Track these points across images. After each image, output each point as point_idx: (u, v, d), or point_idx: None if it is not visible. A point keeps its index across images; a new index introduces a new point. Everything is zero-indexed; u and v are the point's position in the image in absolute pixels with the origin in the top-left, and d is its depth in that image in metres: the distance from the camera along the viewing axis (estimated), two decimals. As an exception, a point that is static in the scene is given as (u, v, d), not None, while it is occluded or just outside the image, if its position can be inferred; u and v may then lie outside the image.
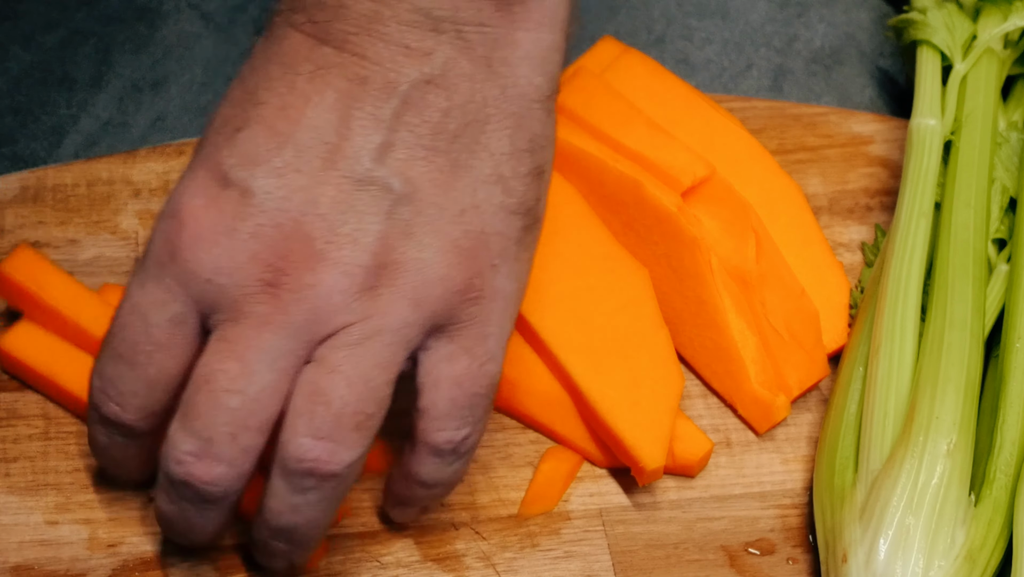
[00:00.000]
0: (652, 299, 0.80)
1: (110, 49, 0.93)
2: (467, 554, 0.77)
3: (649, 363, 0.79)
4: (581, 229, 0.81)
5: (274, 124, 0.66)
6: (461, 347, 0.68)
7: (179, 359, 0.67)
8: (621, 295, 0.80)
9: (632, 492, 0.79)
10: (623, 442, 0.76)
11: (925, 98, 0.86)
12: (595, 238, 0.81)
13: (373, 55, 0.66)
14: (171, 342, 0.66)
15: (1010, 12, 0.88)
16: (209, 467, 0.65)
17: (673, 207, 0.81)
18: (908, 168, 0.84)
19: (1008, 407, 0.76)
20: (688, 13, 1.00)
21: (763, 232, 0.83)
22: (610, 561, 0.77)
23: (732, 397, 0.82)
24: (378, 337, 0.65)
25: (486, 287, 0.68)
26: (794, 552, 0.78)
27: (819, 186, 0.90)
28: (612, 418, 0.77)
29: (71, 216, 0.84)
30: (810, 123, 0.93)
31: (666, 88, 0.88)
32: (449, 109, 0.67)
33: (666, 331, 0.80)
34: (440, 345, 0.68)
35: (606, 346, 0.79)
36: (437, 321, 0.67)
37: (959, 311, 0.78)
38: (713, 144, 0.87)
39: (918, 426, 0.74)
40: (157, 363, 0.67)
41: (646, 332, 0.79)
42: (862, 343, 0.80)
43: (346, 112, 0.66)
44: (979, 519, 0.73)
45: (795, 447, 0.81)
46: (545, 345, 0.79)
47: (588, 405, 0.78)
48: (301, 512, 0.67)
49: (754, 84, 0.97)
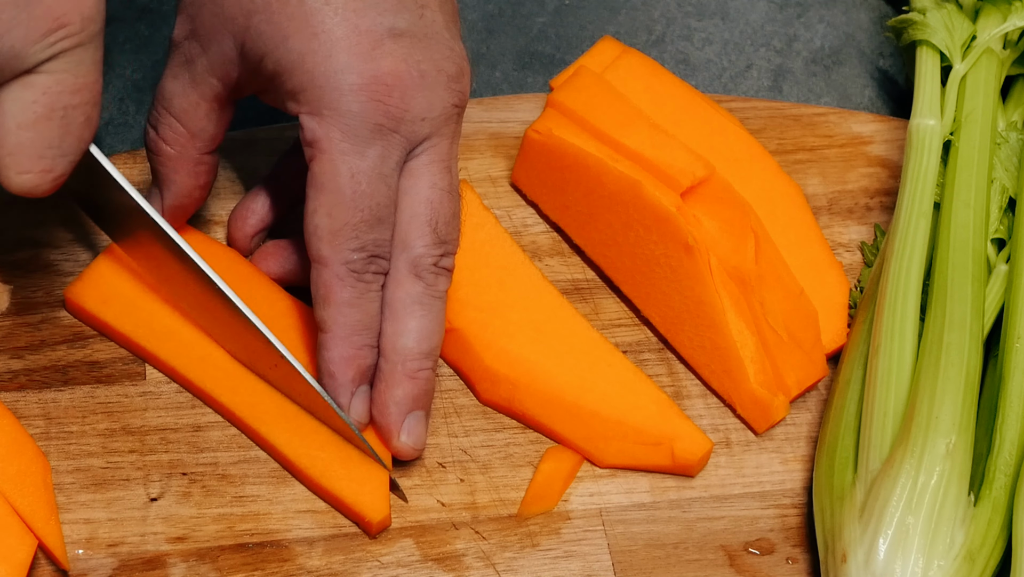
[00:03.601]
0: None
1: (110, 49, 0.93)
2: (467, 554, 0.77)
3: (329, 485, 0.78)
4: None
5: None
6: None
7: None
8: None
9: (632, 492, 0.79)
10: (344, 501, 0.76)
11: (925, 98, 0.86)
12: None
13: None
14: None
15: (1009, 12, 0.88)
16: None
17: (672, 207, 0.81)
18: (907, 168, 0.84)
19: (1007, 407, 0.76)
20: (688, 13, 1.00)
21: (762, 232, 0.84)
22: (610, 561, 0.77)
23: (731, 397, 0.82)
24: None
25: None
26: (793, 552, 0.78)
27: (819, 186, 0.90)
28: (327, 480, 0.76)
29: (71, 216, 0.84)
30: (810, 123, 0.93)
31: (666, 88, 0.88)
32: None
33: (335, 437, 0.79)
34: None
35: (300, 411, 0.78)
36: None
37: (958, 311, 0.78)
38: (713, 144, 0.87)
39: (917, 426, 0.74)
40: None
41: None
42: (861, 343, 0.80)
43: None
44: (978, 519, 0.73)
45: (794, 447, 0.81)
46: (243, 421, 0.78)
47: (301, 473, 0.77)
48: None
49: (754, 84, 0.98)
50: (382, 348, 0.76)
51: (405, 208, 0.76)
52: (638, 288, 0.84)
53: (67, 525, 0.75)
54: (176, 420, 0.79)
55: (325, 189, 0.74)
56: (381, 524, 0.76)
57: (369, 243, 0.74)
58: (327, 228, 0.74)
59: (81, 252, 0.83)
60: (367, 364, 0.76)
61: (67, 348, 0.80)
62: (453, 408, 0.81)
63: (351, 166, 0.73)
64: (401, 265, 0.76)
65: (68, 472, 0.77)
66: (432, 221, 0.76)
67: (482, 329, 0.81)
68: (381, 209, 0.74)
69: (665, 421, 0.80)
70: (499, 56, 0.97)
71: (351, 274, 0.74)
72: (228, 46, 0.75)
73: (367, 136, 0.74)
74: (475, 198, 0.85)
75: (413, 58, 0.74)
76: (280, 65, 0.74)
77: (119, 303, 0.80)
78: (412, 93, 0.74)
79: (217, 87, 0.77)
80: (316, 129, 0.73)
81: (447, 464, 0.79)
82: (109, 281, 0.80)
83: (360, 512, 0.76)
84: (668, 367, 0.83)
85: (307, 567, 0.75)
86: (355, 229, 0.74)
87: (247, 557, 0.75)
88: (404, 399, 0.76)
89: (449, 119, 0.76)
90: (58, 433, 0.78)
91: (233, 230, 0.82)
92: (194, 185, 0.80)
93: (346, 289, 0.75)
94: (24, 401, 0.79)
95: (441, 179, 0.76)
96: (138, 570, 0.74)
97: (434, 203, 0.76)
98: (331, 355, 0.75)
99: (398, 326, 0.76)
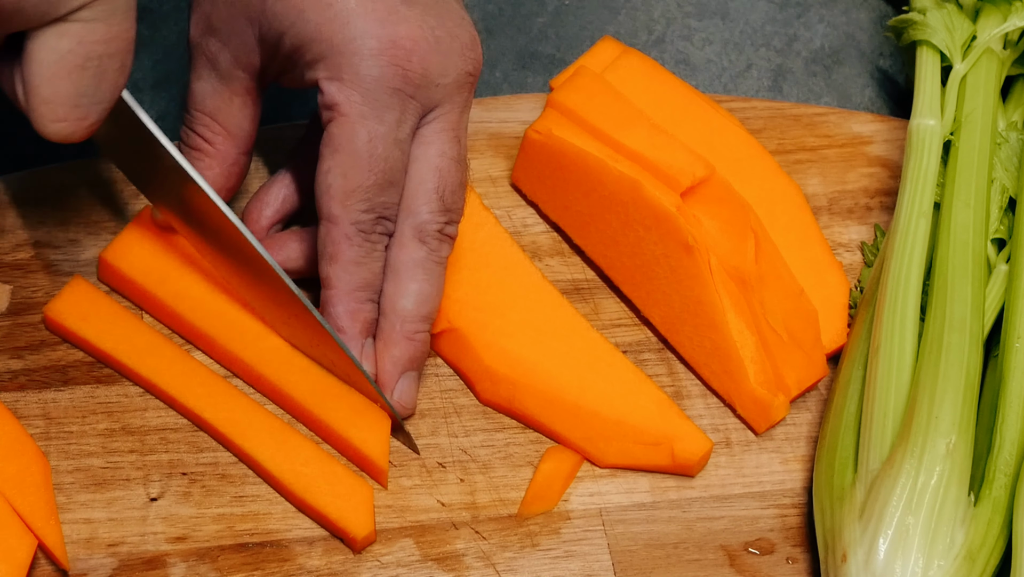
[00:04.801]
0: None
1: (110, 49, 0.93)
2: (467, 554, 0.77)
3: (352, 415, 0.78)
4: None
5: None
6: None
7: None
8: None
9: (632, 492, 0.79)
10: (328, 517, 0.76)
11: (925, 98, 0.86)
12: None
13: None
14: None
15: (1010, 12, 0.88)
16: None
17: (672, 207, 0.81)
18: (908, 168, 0.84)
19: (1007, 407, 0.76)
20: (688, 13, 1.00)
21: (762, 232, 0.84)
22: (610, 561, 0.77)
23: (731, 397, 0.82)
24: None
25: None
26: (793, 552, 0.78)
27: (819, 186, 0.90)
28: (311, 496, 0.76)
29: (71, 216, 0.84)
30: (810, 123, 0.93)
31: (666, 88, 0.88)
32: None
33: (346, 388, 0.79)
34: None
35: (284, 426, 0.78)
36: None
37: (958, 311, 0.78)
38: (713, 144, 0.87)
39: (917, 426, 0.74)
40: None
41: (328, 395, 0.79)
42: (861, 343, 0.80)
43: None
44: (978, 519, 0.73)
45: (794, 447, 0.81)
46: (227, 437, 0.78)
47: (285, 489, 0.77)
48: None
49: (754, 84, 0.98)
50: (382, 307, 0.78)
51: (414, 174, 0.77)
52: (638, 288, 0.84)
53: (67, 525, 0.75)
54: (176, 420, 0.79)
55: (342, 150, 0.75)
56: (366, 540, 0.76)
57: (379, 205, 0.76)
58: (340, 188, 0.75)
59: (81, 252, 0.83)
60: (371, 318, 0.78)
61: (67, 348, 0.80)
62: (453, 408, 0.81)
63: (370, 129, 0.75)
64: (406, 229, 0.77)
65: (68, 472, 0.77)
66: (439, 189, 0.77)
67: (482, 329, 0.81)
68: (393, 173, 0.76)
69: (665, 421, 0.80)
70: (499, 56, 0.97)
71: (359, 234, 0.76)
72: (248, 34, 0.76)
73: (386, 100, 0.75)
74: (475, 198, 0.85)
75: (427, 24, 0.76)
76: (299, 39, 0.75)
77: (99, 320, 0.80)
78: (429, 58, 0.75)
79: (245, 79, 0.78)
80: (336, 93, 0.74)
81: (447, 464, 0.79)
82: (89, 298, 0.80)
83: (344, 528, 0.75)
84: (668, 367, 0.83)
85: (307, 567, 0.75)
86: (367, 191, 0.75)
87: (247, 557, 0.75)
88: (400, 359, 0.78)
89: (462, 87, 0.77)
90: (58, 433, 0.78)
91: (249, 223, 0.83)
92: (222, 186, 0.81)
93: (353, 248, 0.76)
94: (24, 401, 0.79)
95: (450, 148, 0.77)
96: (138, 570, 0.74)
97: (442, 171, 0.77)
98: (336, 310, 0.77)
99: (399, 288, 0.77)
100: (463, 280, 0.82)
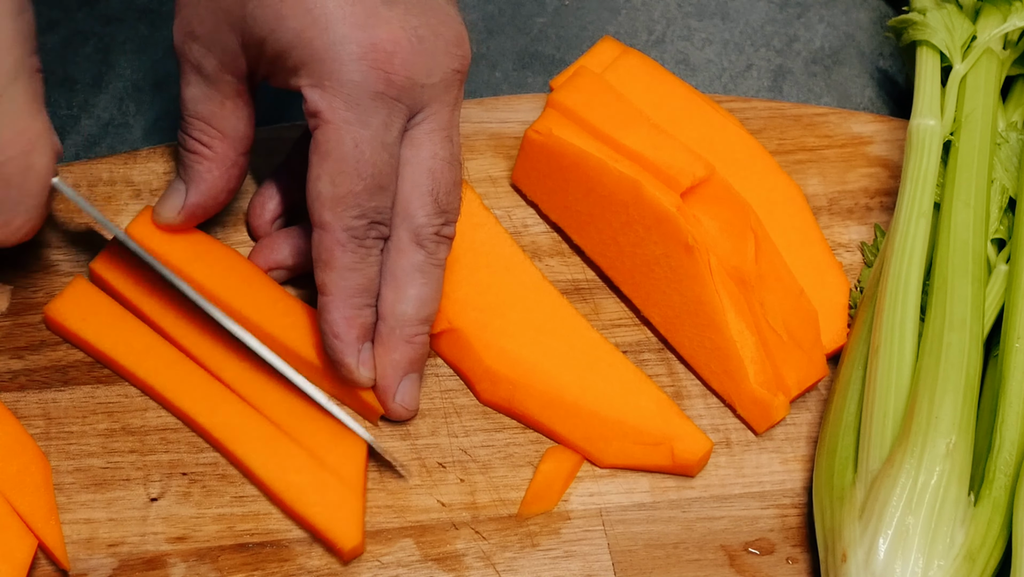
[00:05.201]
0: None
1: (110, 49, 0.93)
2: (467, 554, 0.77)
3: (329, 439, 0.78)
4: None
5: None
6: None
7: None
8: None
9: (632, 492, 0.79)
10: (316, 527, 0.76)
11: (925, 98, 0.86)
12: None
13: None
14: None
15: (1010, 13, 0.88)
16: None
17: (672, 207, 0.81)
18: (907, 168, 0.84)
19: (1007, 407, 0.76)
20: (688, 14, 1.00)
21: (762, 232, 0.84)
22: (610, 561, 0.77)
23: (731, 397, 0.82)
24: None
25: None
26: (793, 552, 0.78)
27: (819, 186, 0.90)
28: (300, 506, 0.76)
29: (72, 216, 0.84)
30: (810, 123, 0.93)
31: (666, 88, 0.89)
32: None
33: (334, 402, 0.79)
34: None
35: (277, 432, 0.78)
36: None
37: (958, 311, 0.78)
38: (713, 144, 0.87)
39: (917, 426, 0.74)
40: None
41: (315, 407, 0.79)
42: (861, 343, 0.80)
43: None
44: (978, 519, 0.73)
45: (794, 447, 0.81)
46: (219, 442, 0.78)
47: (275, 496, 0.77)
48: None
49: (754, 84, 0.98)
50: (381, 312, 0.78)
51: (407, 178, 0.77)
52: (638, 288, 0.84)
53: (67, 525, 0.75)
54: (176, 420, 0.79)
55: (329, 157, 0.75)
56: (353, 552, 0.76)
57: (370, 210, 0.75)
58: (330, 195, 0.75)
59: (81, 252, 0.83)
60: (368, 323, 0.77)
61: (67, 348, 0.80)
62: (453, 408, 0.81)
63: (354, 135, 0.74)
64: (403, 234, 0.77)
65: (68, 472, 0.77)
66: (433, 191, 0.77)
67: (482, 329, 0.81)
68: (383, 177, 0.75)
69: (665, 421, 0.80)
70: (499, 56, 0.97)
71: (352, 240, 0.76)
72: (231, 40, 0.76)
73: (369, 105, 0.74)
74: (475, 198, 0.85)
75: (409, 24, 0.75)
76: (280, 45, 0.74)
77: (99, 321, 0.80)
78: (412, 59, 0.75)
79: (233, 82, 0.78)
80: (319, 100, 0.74)
81: (447, 464, 0.79)
82: (89, 298, 0.80)
83: (332, 539, 0.75)
84: (668, 367, 0.83)
85: (307, 567, 0.75)
86: (357, 197, 0.75)
87: (247, 557, 0.75)
88: (400, 362, 0.78)
89: (450, 86, 0.77)
90: (58, 433, 0.78)
91: (252, 219, 0.83)
92: (223, 188, 0.81)
93: (347, 254, 0.76)
94: (24, 401, 0.79)
95: (442, 148, 0.77)
96: (138, 570, 0.74)
97: (435, 173, 0.77)
98: (333, 317, 0.77)
99: (399, 293, 0.77)
100: (463, 280, 0.82)
